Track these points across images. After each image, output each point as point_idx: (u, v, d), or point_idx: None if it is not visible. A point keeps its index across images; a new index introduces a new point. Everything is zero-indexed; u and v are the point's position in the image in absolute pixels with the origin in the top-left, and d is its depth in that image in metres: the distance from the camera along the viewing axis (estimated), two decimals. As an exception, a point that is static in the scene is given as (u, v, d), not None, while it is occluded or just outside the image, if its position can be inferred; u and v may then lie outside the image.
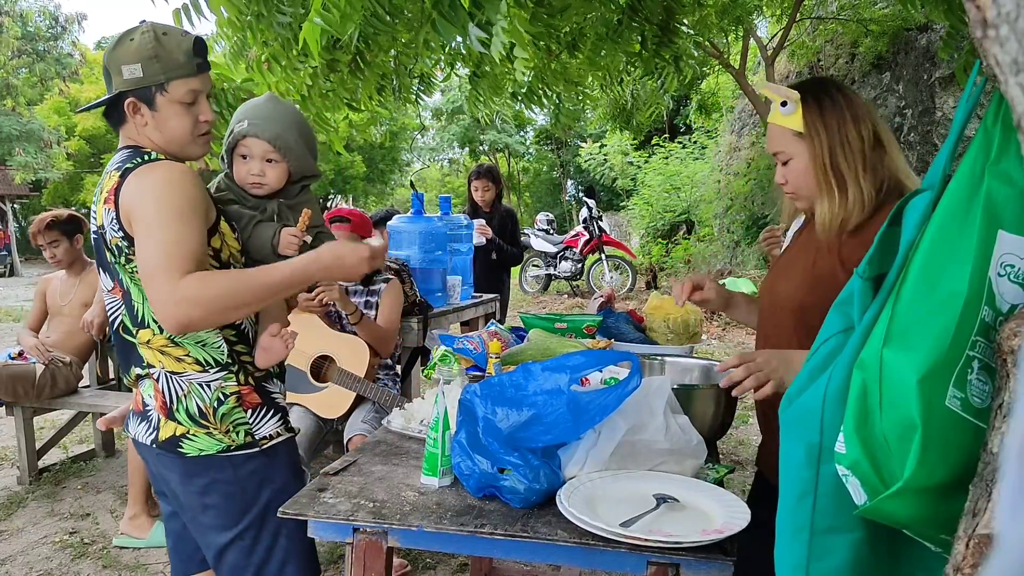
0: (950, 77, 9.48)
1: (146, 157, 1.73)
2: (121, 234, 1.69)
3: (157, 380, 1.76)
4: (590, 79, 4.19)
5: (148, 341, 1.75)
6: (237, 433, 1.78)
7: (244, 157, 2.02)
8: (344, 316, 3.34)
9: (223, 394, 1.77)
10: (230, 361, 1.79)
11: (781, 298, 1.86)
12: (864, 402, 1.11)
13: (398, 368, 3.66)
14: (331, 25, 2.37)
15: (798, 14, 10.34)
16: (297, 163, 2.03)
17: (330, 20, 2.34)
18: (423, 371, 3.21)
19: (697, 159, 16.08)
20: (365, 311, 3.38)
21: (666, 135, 17.09)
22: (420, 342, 3.83)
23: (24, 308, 11.85)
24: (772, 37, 11.95)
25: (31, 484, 4.29)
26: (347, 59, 3.14)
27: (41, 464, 4.48)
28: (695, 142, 16.31)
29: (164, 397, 1.75)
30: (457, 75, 3.83)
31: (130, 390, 2.01)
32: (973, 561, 0.92)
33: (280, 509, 1.55)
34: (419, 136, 28.35)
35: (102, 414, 4.40)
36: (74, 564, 3.34)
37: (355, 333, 3.32)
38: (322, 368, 3.29)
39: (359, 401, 3.30)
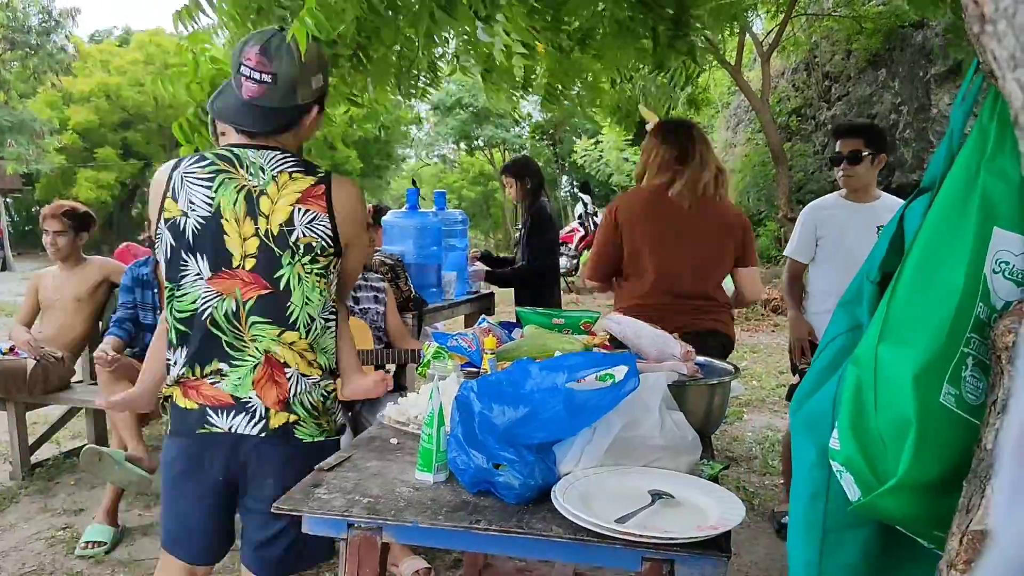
0: (946, 74, 9.50)
1: (314, 165, 1.91)
2: (329, 236, 1.85)
3: (277, 376, 1.85)
4: (603, 77, 4.17)
5: (292, 343, 1.85)
6: (332, 422, 1.97)
7: (222, 134, 2.22)
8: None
9: (327, 391, 1.94)
10: (334, 368, 1.99)
11: None
12: (859, 398, 1.11)
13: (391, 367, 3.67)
14: (319, 26, 2.36)
15: (793, 10, 10.34)
16: None
17: (319, 21, 2.34)
18: (417, 368, 3.20)
19: (693, 155, 16.05)
20: (375, 306, 3.46)
21: (662, 131, 17.05)
22: (415, 337, 3.83)
23: (17, 303, 11.81)
24: (768, 33, 11.94)
25: (24, 480, 4.28)
26: (348, 53, 3.12)
27: (34, 459, 4.46)
28: (691, 138, 16.28)
29: (287, 391, 1.85)
30: (464, 70, 3.81)
31: None
32: (967, 557, 0.92)
33: (274, 505, 1.55)
34: (416, 130, 28.31)
35: (96, 410, 4.40)
36: (67, 560, 3.32)
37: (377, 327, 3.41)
38: None
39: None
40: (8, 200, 24.75)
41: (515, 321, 2.95)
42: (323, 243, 1.85)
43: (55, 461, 4.57)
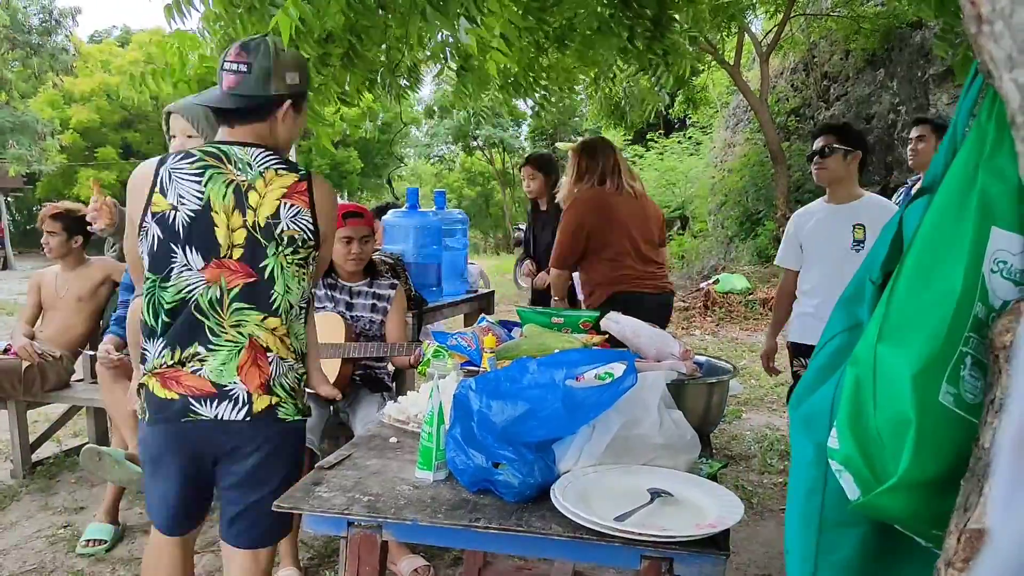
0: (944, 74, 9.50)
1: (296, 164, 2.04)
2: (311, 230, 1.98)
3: (260, 360, 1.95)
4: (580, 76, 4.19)
5: (274, 329, 1.97)
6: (304, 403, 2.09)
7: (173, 137, 2.36)
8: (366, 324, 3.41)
9: (299, 374, 2.07)
10: (304, 352, 2.11)
11: None
12: (857, 397, 1.11)
13: (390, 366, 3.66)
14: (305, 18, 2.37)
15: (792, 10, 10.35)
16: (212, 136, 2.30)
17: (304, 12, 2.35)
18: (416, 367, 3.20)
19: (692, 155, 16.09)
20: (371, 314, 3.39)
21: (660, 131, 17.07)
22: (415, 337, 3.83)
23: (17, 302, 11.82)
24: (766, 33, 11.95)
25: (25, 478, 4.28)
26: (339, 52, 3.12)
27: (35, 458, 4.46)
28: (690, 138, 16.32)
29: (267, 375, 1.96)
30: (450, 68, 3.83)
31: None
32: (964, 556, 0.93)
33: (275, 503, 1.55)
34: (415, 129, 28.31)
35: (96, 408, 4.40)
36: (67, 558, 3.33)
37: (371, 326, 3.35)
38: None
39: (364, 385, 3.37)
40: (9, 199, 24.74)
41: (515, 320, 2.96)
42: (304, 236, 1.98)
43: (56, 459, 4.57)
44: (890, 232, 1.25)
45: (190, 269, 1.92)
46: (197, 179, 1.92)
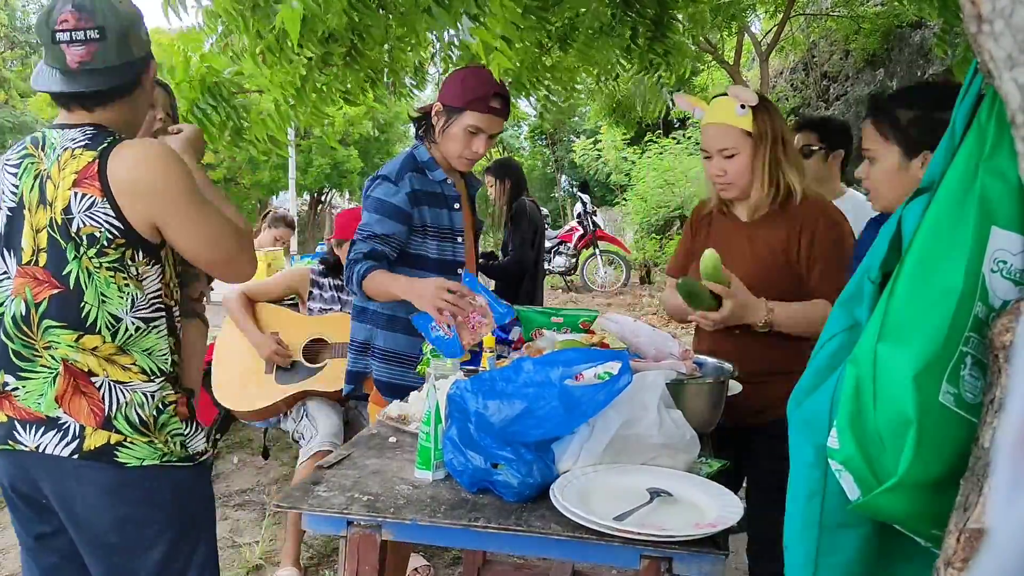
0: (944, 74, 9.50)
1: (118, 136, 1.62)
2: (113, 224, 1.56)
3: (84, 387, 1.60)
4: (582, 75, 4.20)
5: (95, 348, 1.60)
6: (174, 443, 1.68)
7: None
8: None
9: (163, 403, 1.67)
10: (171, 370, 1.71)
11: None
12: (857, 397, 1.11)
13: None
14: (312, 12, 2.36)
15: (791, 10, 10.35)
16: None
17: (310, 7, 2.34)
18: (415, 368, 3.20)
19: (691, 154, 16.08)
20: None
21: (660, 131, 17.06)
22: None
23: (16, 301, 11.79)
24: (766, 33, 11.96)
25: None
26: (342, 52, 3.13)
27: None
28: (689, 137, 16.30)
29: (103, 404, 1.60)
30: (448, 70, 3.83)
31: None
32: (964, 555, 0.93)
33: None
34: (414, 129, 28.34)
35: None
36: (66, 557, 3.32)
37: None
38: (315, 352, 3.31)
39: None
40: (7, 198, 24.74)
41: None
42: (107, 232, 1.56)
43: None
44: (889, 231, 1.25)
45: (8, 277, 1.62)
46: (15, 171, 1.62)
